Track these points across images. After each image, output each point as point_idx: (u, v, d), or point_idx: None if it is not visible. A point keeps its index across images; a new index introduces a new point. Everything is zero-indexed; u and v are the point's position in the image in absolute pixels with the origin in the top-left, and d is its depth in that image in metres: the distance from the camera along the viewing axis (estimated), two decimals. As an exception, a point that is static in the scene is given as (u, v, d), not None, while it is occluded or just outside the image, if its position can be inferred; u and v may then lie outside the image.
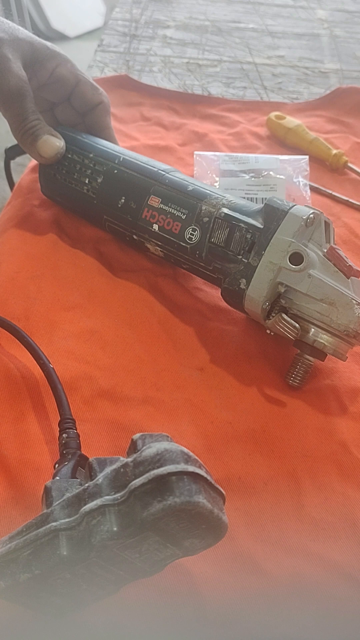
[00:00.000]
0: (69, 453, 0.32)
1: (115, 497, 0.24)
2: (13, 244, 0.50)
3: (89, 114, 0.51)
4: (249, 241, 0.39)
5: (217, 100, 0.74)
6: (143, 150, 0.62)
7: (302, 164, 0.59)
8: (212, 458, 0.37)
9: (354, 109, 0.73)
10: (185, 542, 0.25)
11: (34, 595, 0.26)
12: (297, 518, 0.34)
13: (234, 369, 0.42)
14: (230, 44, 0.89)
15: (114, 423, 0.38)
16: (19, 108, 0.45)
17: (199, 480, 0.24)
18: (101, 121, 0.51)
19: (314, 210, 0.38)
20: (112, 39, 0.89)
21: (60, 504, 0.26)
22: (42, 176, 0.51)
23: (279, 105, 0.73)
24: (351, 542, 0.33)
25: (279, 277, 0.38)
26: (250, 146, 0.66)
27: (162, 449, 0.25)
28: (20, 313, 0.44)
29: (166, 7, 1.00)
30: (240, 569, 0.32)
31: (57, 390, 0.36)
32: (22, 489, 0.34)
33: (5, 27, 0.44)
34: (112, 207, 0.46)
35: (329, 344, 0.38)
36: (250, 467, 0.37)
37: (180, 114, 0.71)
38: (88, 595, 0.28)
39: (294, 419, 0.39)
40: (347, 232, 0.55)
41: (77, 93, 0.49)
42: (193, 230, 0.42)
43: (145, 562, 0.26)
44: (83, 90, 0.49)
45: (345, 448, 0.38)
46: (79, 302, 0.45)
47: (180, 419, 0.39)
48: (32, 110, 0.45)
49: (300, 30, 0.95)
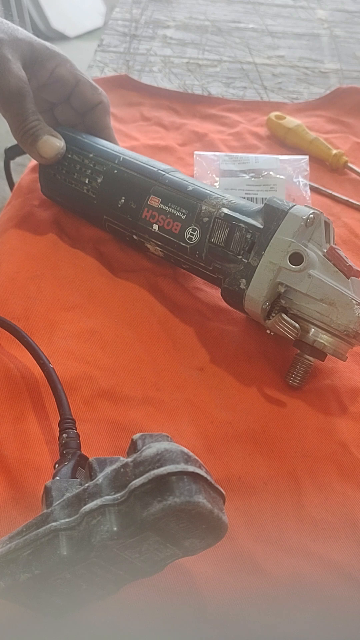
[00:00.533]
0: (69, 453, 0.32)
1: (115, 497, 0.24)
2: (13, 244, 0.50)
3: (89, 114, 0.51)
4: (249, 241, 0.39)
5: (217, 100, 0.74)
6: (143, 150, 0.62)
7: (302, 164, 0.59)
8: (212, 458, 0.37)
9: (354, 109, 0.73)
10: (185, 542, 0.25)
11: (34, 595, 0.26)
12: (297, 518, 0.34)
13: (234, 369, 0.42)
14: (230, 44, 0.89)
15: (114, 423, 0.38)
16: (19, 108, 0.45)
17: (199, 480, 0.24)
18: (101, 121, 0.51)
19: (314, 210, 0.38)
20: (112, 39, 0.89)
21: (60, 504, 0.26)
22: (42, 176, 0.51)
23: (279, 105, 0.73)
24: (351, 542, 0.33)
25: (279, 277, 0.38)
26: (250, 146, 0.66)
27: (162, 449, 0.25)
28: (20, 313, 0.44)
29: (166, 7, 1.00)
30: (240, 569, 0.32)
31: (57, 390, 0.36)
32: (22, 489, 0.34)
33: (5, 27, 0.44)
34: (112, 207, 0.46)
35: (329, 344, 0.38)
36: (250, 467, 0.37)
37: (180, 114, 0.71)
38: (88, 595, 0.28)
39: (294, 419, 0.39)
40: (347, 232, 0.55)
41: (77, 93, 0.49)
42: (193, 230, 0.42)
43: (145, 562, 0.26)
44: (82, 90, 0.49)
45: (345, 448, 0.38)
46: (79, 302, 0.45)
47: (180, 419, 0.39)
48: (32, 110, 0.45)
49: (300, 30, 0.95)
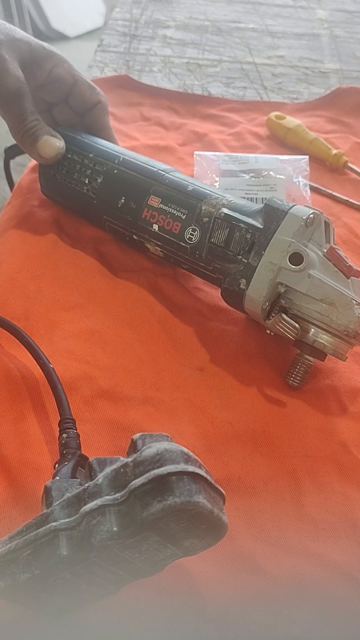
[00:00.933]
0: (69, 453, 0.32)
1: (115, 497, 0.24)
2: (13, 244, 0.50)
3: (87, 114, 0.51)
4: (249, 241, 0.39)
5: (217, 100, 0.74)
6: (143, 150, 0.62)
7: (302, 164, 0.59)
8: (212, 458, 0.37)
9: (354, 109, 0.73)
10: (185, 542, 0.25)
11: (34, 595, 0.26)
12: (297, 518, 0.34)
13: (234, 369, 0.42)
14: (230, 44, 0.89)
15: (114, 423, 0.38)
16: (18, 109, 0.45)
17: (199, 480, 0.24)
18: (100, 121, 0.51)
19: (314, 210, 0.38)
20: (112, 39, 0.89)
21: (60, 504, 0.26)
22: (42, 176, 0.51)
23: (279, 105, 0.73)
24: (351, 542, 0.33)
25: (278, 277, 0.38)
26: (250, 146, 0.66)
27: (162, 449, 0.25)
28: (20, 313, 0.44)
29: (166, 7, 1.00)
30: (240, 569, 0.32)
31: (57, 390, 0.36)
32: (22, 489, 0.34)
33: (2, 28, 0.44)
34: (112, 207, 0.46)
35: (329, 344, 0.38)
36: (250, 467, 0.37)
37: (180, 114, 0.71)
38: (88, 595, 0.28)
39: (294, 419, 0.39)
40: (347, 232, 0.55)
41: (75, 93, 0.49)
42: (193, 230, 0.42)
43: (145, 562, 0.26)
44: (81, 90, 0.49)
45: (345, 448, 0.38)
46: (79, 302, 0.45)
47: (180, 419, 0.39)
48: (31, 110, 0.45)
49: (300, 30, 0.95)
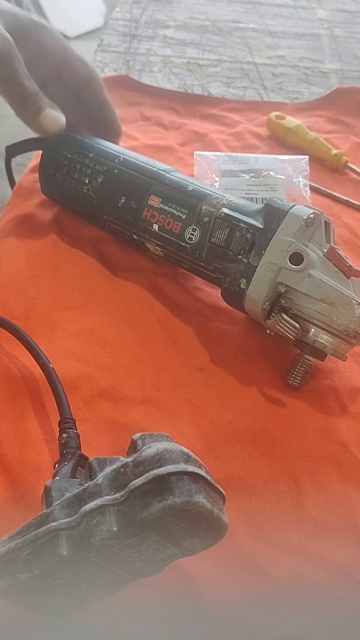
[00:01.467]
0: (69, 453, 0.32)
1: (115, 497, 0.24)
2: (13, 243, 0.50)
3: (83, 90, 0.49)
4: (249, 241, 0.39)
5: (217, 100, 0.74)
6: (143, 150, 0.62)
7: (302, 164, 0.59)
8: (212, 458, 0.37)
9: (354, 109, 0.73)
10: (185, 542, 0.25)
11: (34, 595, 0.26)
12: (297, 518, 0.34)
13: (234, 369, 0.42)
14: (230, 44, 0.89)
15: (114, 423, 0.38)
16: (10, 72, 0.41)
17: (199, 480, 0.24)
18: (97, 97, 0.49)
19: (314, 210, 0.38)
20: (112, 39, 0.89)
21: (60, 503, 0.26)
22: (42, 176, 0.51)
23: (279, 105, 0.73)
24: (351, 542, 0.33)
25: (279, 277, 0.38)
26: (250, 146, 0.66)
27: (162, 448, 0.25)
28: (20, 313, 0.44)
29: (166, 7, 1.00)
30: (240, 569, 0.32)
31: (57, 390, 0.36)
32: (22, 489, 0.34)
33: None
34: (112, 207, 0.46)
35: (329, 344, 0.38)
36: (250, 467, 0.37)
37: (180, 114, 0.71)
38: (88, 595, 0.28)
39: (294, 419, 0.39)
40: (347, 232, 0.55)
41: (67, 67, 0.47)
42: (193, 230, 0.42)
43: (145, 562, 0.26)
44: (72, 64, 0.47)
45: (345, 448, 0.38)
46: (79, 302, 0.45)
47: (180, 419, 0.39)
48: (25, 74, 0.42)
49: (301, 30, 0.95)
